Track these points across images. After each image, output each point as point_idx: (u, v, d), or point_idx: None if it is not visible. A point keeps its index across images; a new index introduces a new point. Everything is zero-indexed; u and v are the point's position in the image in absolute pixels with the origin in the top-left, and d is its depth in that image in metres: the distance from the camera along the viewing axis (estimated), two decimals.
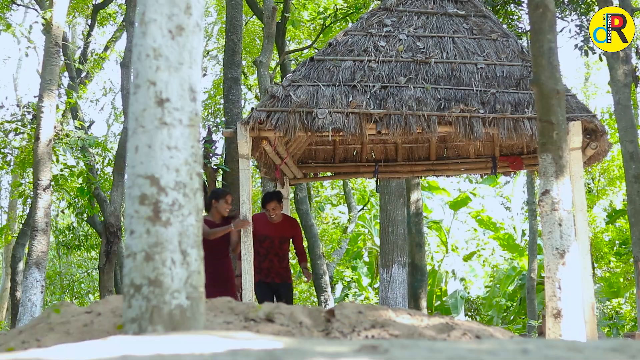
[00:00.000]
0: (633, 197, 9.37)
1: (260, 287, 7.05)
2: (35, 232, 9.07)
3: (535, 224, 16.23)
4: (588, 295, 6.01)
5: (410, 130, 6.57)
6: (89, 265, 23.19)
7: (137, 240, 2.42)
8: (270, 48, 11.56)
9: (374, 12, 7.72)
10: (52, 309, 3.21)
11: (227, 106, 11.23)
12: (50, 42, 9.69)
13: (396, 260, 10.76)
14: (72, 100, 13.04)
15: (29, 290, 8.86)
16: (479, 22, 7.52)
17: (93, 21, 17.70)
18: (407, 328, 3.14)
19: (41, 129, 9.32)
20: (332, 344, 2.00)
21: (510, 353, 1.77)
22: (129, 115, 2.60)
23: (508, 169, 8.73)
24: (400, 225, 11.14)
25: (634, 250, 9.45)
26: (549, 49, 4.42)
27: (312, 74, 6.94)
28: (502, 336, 3.48)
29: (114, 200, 12.44)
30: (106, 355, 1.83)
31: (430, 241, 22.76)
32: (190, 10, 2.58)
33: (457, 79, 6.92)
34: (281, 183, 8.38)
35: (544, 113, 4.37)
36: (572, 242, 4.34)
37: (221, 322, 3.02)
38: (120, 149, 12.34)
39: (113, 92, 24.36)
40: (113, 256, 12.42)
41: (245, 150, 6.55)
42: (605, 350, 1.85)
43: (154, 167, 2.45)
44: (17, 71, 26.79)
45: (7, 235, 17.30)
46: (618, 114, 9.78)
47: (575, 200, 6.17)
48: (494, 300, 20.37)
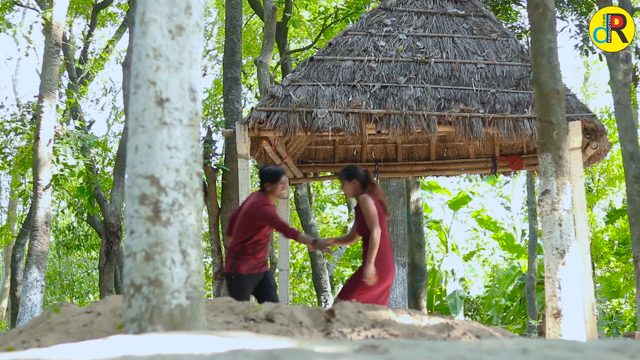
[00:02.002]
0: (633, 197, 9.38)
1: (249, 281, 5.95)
2: (35, 232, 9.07)
3: (535, 223, 16.23)
4: (588, 295, 6.01)
5: (410, 130, 6.57)
6: (89, 265, 23.19)
7: (137, 240, 2.42)
8: (270, 48, 11.56)
9: (374, 12, 7.73)
10: (52, 309, 3.21)
11: (227, 106, 11.23)
12: (50, 42, 9.69)
13: (396, 260, 10.76)
14: (72, 100, 13.04)
15: (29, 290, 8.86)
16: (478, 22, 7.52)
17: (93, 21, 17.70)
18: (407, 328, 3.14)
19: (41, 129, 9.32)
20: (332, 344, 2.00)
21: (510, 353, 1.77)
22: (129, 115, 2.60)
23: (508, 168, 8.73)
24: (400, 225, 11.15)
25: (634, 250, 9.45)
26: (549, 48, 4.42)
27: (312, 74, 6.95)
28: (502, 336, 3.48)
29: (114, 200, 12.45)
30: (106, 355, 1.83)
31: (430, 241, 22.76)
32: (190, 10, 2.58)
33: (457, 79, 6.92)
34: None
35: (544, 113, 4.38)
36: (572, 242, 4.34)
37: (221, 322, 3.02)
38: (121, 149, 12.35)
39: (113, 91, 24.38)
40: (113, 256, 12.43)
41: (244, 150, 6.55)
42: (605, 350, 1.85)
43: (154, 167, 2.45)
44: (16, 71, 26.79)
45: (7, 235, 17.30)
46: (618, 114, 9.78)
47: (575, 200, 6.17)
48: (494, 300, 20.37)
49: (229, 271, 5.89)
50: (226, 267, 5.98)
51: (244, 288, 5.88)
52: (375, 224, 5.65)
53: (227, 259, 6.01)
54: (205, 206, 10.86)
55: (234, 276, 5.84)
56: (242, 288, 5.87)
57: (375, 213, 5.68)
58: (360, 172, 5.96)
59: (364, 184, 5.93)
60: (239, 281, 5.85)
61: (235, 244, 5.93)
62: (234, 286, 5.85)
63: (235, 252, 5.89)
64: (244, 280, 5.86)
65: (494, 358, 1.71)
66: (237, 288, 5.83)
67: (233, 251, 5.91)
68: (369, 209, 5.70)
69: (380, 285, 5.68)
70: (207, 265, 18.62)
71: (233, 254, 5.89)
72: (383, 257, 5.71)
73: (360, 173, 5.93)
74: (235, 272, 5.83)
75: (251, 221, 5.78)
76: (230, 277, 5.87)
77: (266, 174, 5.93)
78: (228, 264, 5.93)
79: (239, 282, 5.85)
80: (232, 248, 5.95)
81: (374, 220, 5.66)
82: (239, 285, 5.84)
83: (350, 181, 5.92)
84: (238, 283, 5.85)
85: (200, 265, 2.51)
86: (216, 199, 10.79)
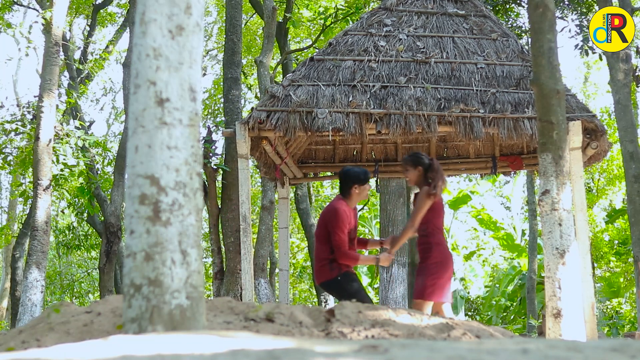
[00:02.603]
0: (633, 197, 9.38)
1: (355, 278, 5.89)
2: (35, 232, 9.07)
3: (535, 223, 16.24)
4: (588, 295, 6.01)
5: (410, 130, 6.57)
6: (89, 265, 23.20)
7: (137, 240, 2.42)
8: (270, 48, 11.56)
9: (374, 12, 7.73)
10: (52, 308, 3.21)
11: (227, 106, 11.23)
12: (50, 42, 9.69)
13: (396, 260, 10.75)
14: (72, 100, 13.04)
15: (29, 290, 8.86)
16: (479, 22, 7.52)
17: (93, 21, 17.71)
18: (407, 328, 3.14)
19: (41, 129, 9.32)
20: (332, 344, 2.00)
21: (510, 353, 1.77)
22: (129, 115, 2.60)
23: (508, 168, 8.73)
24: (400, 225, 11.13)
25: (634, 250, 9.46)
26: (549, 48, 4.42)
27: (312, 74, 6.95)
28: (502, 336, 3.48)
29: (114, 200, 12.46)
30: (106, 355, 1.83)
31: None
32: (190, 10, 2.58)
33: (457, 79, 6.92)
34: (281, 183, 8.38)
35: (544, 113, 4.38)
36: (572, 242, 4.34)
37: (221, 322, 3.02)
38: (121, 149, 12.35)
39: (113, 91, 24.39)
40: (113, 256, 12.44)
41: (244, 150, 6.55)
42: (605, 350, 1.85)
43: (154, 167, 2.45)
44: (16, 71, 26.80)
45: (7, 235, 17.30)
46: (618, 114, 9.78)
47: (575, 200, 6.17)
48: (494, 300, 20.37)
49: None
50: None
51: (357, 286, 5.73)
52: (414, 219, 5.70)
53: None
54: (205, 206, 10.87)
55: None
56: (356, 286, 5.71)
57: (422, 212, 5.70)
58: (426, 159, 5.93)
59: (426, 171, 5.89)
60: (352, 279, 5.72)
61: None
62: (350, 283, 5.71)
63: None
64: (352, 279, 5.74)
65: (494, 358, 1.71)
66: (354, 285, 5.70)
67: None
68: (421, 205, 5.71)
69: (448, 271, 5.75)
70: (207, 265, 18.62)
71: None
72: (444, 249, 5.79)
73: (425, 161, 5.90)
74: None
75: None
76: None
77: (355, 174, 5.70)
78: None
79: (352, 279, 5.72)
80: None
81: (415, 217, 5.70)
82: (354, 283, 5.71)
83: (415, 168, 5.88)
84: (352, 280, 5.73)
85: (200, 265, 2.51)
86: (216, 199, 10.80)
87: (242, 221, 6.56)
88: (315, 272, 5.81)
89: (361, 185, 5.67)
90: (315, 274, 5.85)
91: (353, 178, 5.67)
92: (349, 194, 5.70)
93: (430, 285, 5.63)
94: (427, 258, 5.73)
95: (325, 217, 5.71)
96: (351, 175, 5.71)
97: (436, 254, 5.70)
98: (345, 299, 5.57)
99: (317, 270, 5.75)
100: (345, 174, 5.76)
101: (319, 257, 5.71)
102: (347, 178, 5.70)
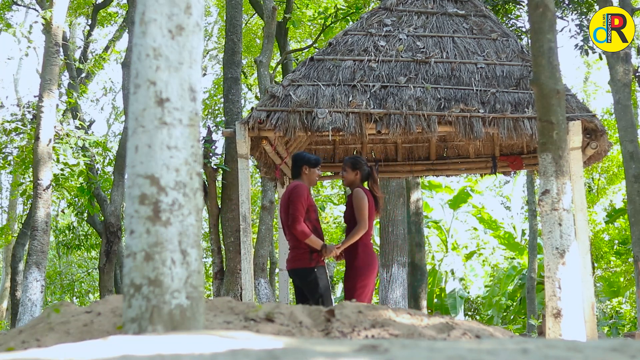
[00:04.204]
0: (633, 197, 9.38)
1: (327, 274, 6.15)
2: (35, 232, 9.07)
3: (535, 223, 16.24)
4: (588, 295, 6.01)
5: (410, 130, 6.57)
6: (89, 265, 23.20)
7: (137, 240, 2.42)
8: (270, 48, 11.56)
9: (374, 11, 7.72)
10: (52, 308, 3.21)
11: (227, 106, 11.23)
12: (50, 42, 9.69)
13: (396, 259, 10.76)
14: (72, 100, 13.04)
15: (29, 290, 8.86)
16: (479, 22, 7.52)
17: (93, 21, 17.70)
18: (407, 328, 3.14)
19: (41, 129, 9.32)
20: (332, 344, 2.00)
21: (510, 353, 1.77)
22: (129, 115, 2.60)
23: (508, 168, 8.73)
24: (400, 225, 11.14)
25: (634, 249, 9.46)
26: (549, 48, 4.42)
27: (312, 74, 6.95)
28: (502, 336, 3.48)
29: (114, 200, 12.46)
30: (106, 355, 1.83)
31: (431, 241, 22.76)
32: (190, 10, 2.58)
33: (457, 79, 6.92)
34: (281, 183, 8.38)
35: (544, 113, 4.37)
36: (572, 242, 4.34)
37: (221, 322, 3.02)
38: (121, 149, 12.35)
39: (113, 91, 24.39)
40: (113, 256, 12.44)
41: (244, 150, 6.55)
42: (605, 350, 1.85)
43: (154, 166, 2.45)
44: (17, 71, 26.80)
45: (7, 235, 17.30)
46: (618, 114, 9.78)
47: (575, 200, 6.17)
48: (494, 299, 20.37)
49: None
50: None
51: (326, 280, 5.94)
52: (364, 220, 5.94)
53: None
54: (205, 206, 10.87)
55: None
56: (325, 280, 5.92)
57: (366, 211, 5.96)
58: (365, 165, 6.23)
59: (364, 178, 6.21)
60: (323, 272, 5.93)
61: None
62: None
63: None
64: (323, 272, 5.95)
65: (494, 358, 1.71)
66: (324, 279, 5.90)
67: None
68: (361, 205, 5.98)
69: (372, 274, 5.98)
70: (207, 265, 18.63)
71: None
72: (371, 251, 6.04)
73: (364, 167, 6.21)
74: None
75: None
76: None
77: (306, 158, 6.05)
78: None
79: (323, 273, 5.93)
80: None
81: (364, 217, 5.94)
82: (324, 276, 5.91)
83: (353, 171, 6.19)
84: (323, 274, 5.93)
85: (200, 265, 2.51)
86: (216, 199, 10.80)
87: (242, 221, 6.56)
88: (291, 259, 5.97)
89: (311, 168, 6.03)
90: (289, 261, 6.00)
91: (303, 159, 6.07)
92: (299, 174, 6.04)
93: (360, 287, 5.90)
94: (354, 259, 5.99)
95: (285, 198, 5.90)
96: (301, 156, 6.11)
97: (362, 256, 5.97)
98: (314, 291, 5.79)
99: (294, 256, 5.92)
100: (297, 155, 6.15)
101: (296, 245, 5.88)
102: (298, 159, 6.10)
